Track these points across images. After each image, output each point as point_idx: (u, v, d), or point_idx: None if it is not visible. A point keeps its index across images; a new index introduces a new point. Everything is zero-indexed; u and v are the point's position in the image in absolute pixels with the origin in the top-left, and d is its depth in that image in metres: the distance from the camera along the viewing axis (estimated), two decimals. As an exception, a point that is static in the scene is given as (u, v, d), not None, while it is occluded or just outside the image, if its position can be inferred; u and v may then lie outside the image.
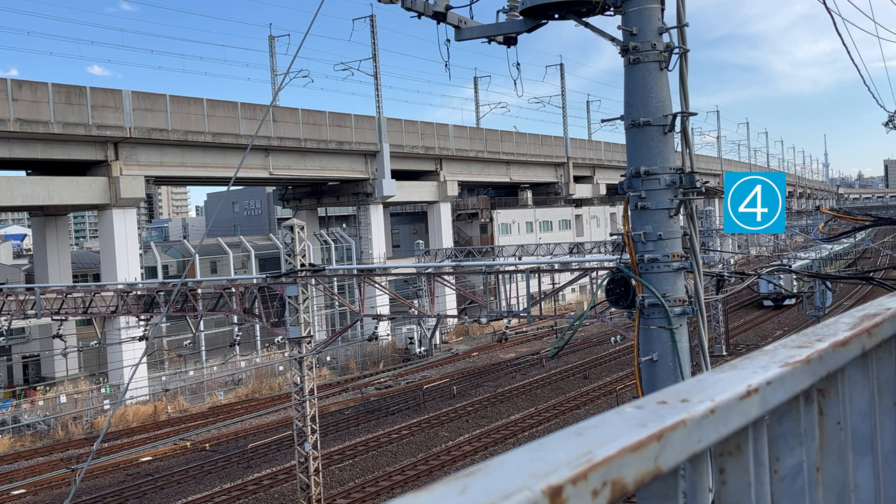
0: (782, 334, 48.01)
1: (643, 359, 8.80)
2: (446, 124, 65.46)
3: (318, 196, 62.10)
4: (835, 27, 12.93)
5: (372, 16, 54.86)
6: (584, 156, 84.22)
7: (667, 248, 8.68)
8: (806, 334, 1.68)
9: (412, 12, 9.05)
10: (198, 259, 48.10)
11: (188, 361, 47.22)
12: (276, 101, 52.24)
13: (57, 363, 42.09)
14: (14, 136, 38.32)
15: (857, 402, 1.83)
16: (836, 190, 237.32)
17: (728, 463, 1.41)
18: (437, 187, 64.95)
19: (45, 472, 29.66)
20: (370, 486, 27.42)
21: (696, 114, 8.82)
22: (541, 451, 1.00)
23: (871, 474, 1.85)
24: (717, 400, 1.24)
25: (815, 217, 75.38)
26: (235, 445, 33.38)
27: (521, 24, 9.33)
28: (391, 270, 42.08)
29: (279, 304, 25.28)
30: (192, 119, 45.24)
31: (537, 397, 38.66)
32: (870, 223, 18.64)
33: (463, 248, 60.12)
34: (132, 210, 44.14)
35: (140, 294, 29.75)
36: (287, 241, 24.81)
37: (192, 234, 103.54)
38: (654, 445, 1.08)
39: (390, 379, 44.62)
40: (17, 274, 51.07)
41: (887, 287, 15.35)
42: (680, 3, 8.40)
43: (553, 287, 40.60)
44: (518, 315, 23.11)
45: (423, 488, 0.92)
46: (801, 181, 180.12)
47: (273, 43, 58.60)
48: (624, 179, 8.78)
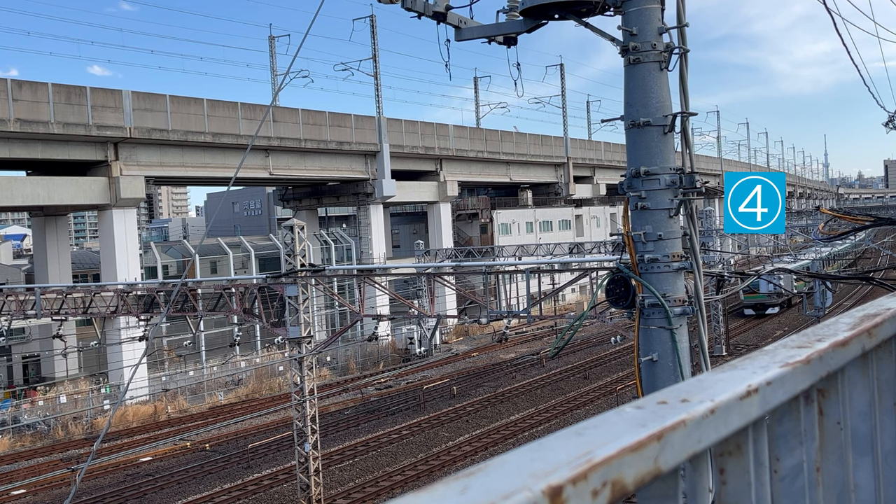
0: (782, 334, 48.01)
1: (643, 359, 8.80)
2: (446, 124, 65.49)
3: (318, 196, 62.11)
4: (835, 27, 12.94)
5: (372, 16, 54.90)
6: (584, 156, 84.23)
7: (667, 249, 8.68)
8: (806, 334, 1.68)
9: (412, 12, 9.05)
10: (198, 259, 48.10)
11: (188, 361, 47.22)
12: (276, 102, 52.25)
13: (57, 363, 42.09)
14: (14, 136, 38.32)
15: (857, 402, 1.83)
16: (836, 190, 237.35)
17: (728, 463, 1.41)
18: (437, 187, 64.96)
19: (45, 472, 29.65)
20: (370, 487, 27.42)
21: (696, 114, 8.83)
22: (541, 451, 1.00)
23: (871, 474, 1.85)
24: (717, 400, 1.24)
25: (815, 217, 75.41)
26: (235, 446, 33.38)
27: (521, 24, 9.33)
28: (391, 270, 42.09)
29: (279, 304, 25.28)
30: (192, 119, 45.25)
31: (537, 397, 38.66)
32: (870, 223, 18.65)
33: (463, 249, 60.11)
34: (132, 210, 44.14)
35: (140, 294, 29.75)
36: (287, 242, 24.81)
37: (192, 235, 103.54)
38: (654, 445, 1.08)
39: (390, 379, 44.62)
40: (17, 274, 51.10)
41: (887, 287, 15.35)
42: (680, 4, 8.40)
43: (553, 287, 40.58)
44: (518, 315, 23.11)
45: (423, 488, 0.92)
46: (801, 181, 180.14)
47: (273, 43, 58.63)
48: (624, 179, 8.78)
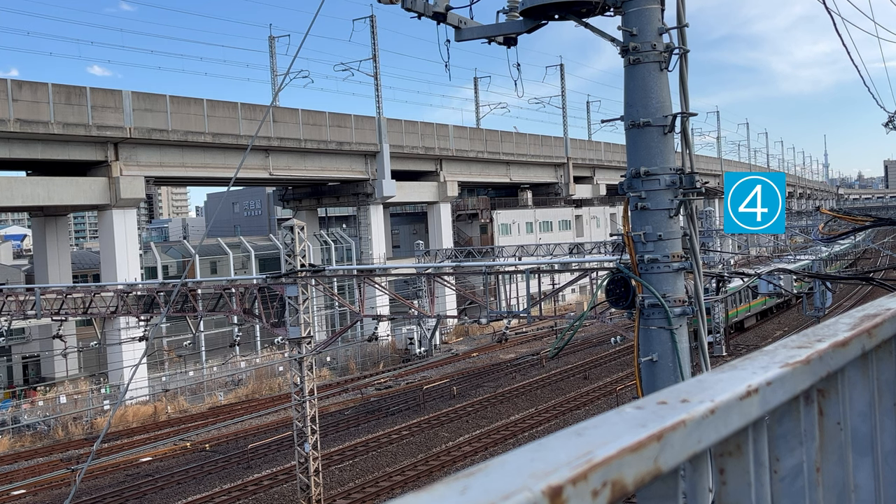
0: (782, 335, 48.01)
1: (643, 359, 8.80)
2: (446, 125, 65.49)
3: (318, 196, 62.12)
4: (835, 27, 12.94)
5: (372, 16, 54.91)
6: (584, 156, 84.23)
7: (667, 249, 8.68)
8: (806, 335, 1.68)
9: (412, 13, 9.04)
10: (198, 259, 48.10)
11: (188, 362, 47.22)
12: (276, 102, 52.24)
13: (57, 363, 42.09)
14: (14, 137, 38.32)
15: (857, 402, 1.83)
16: (836, 190, 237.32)
17: (728, 463, 1.41)
18: (437, 188, 64.96)
19: (45, 472, 29.64)
20: (370, 487, 27.41)
21: (696, 114, 8.83)
22: (541, 452, 1.00)
23: (871, 474, 1.85)
24: (717, 400, 1.24)
25: (815, 217, 75.39)
26: (235, 446, 33.37)
27: (521, 24, 9.33)
28: (391, 271, 42.09)
29: (279, 304, 25.28)
30: (192, 119, 45.25)
31: (537, 398, 38.64)
32: (870, 223, 18.65)
33: (463, 249, 60.10)
34: (132, 210, 44.15)
35: (140, 294, 29.75)
36: (287, 242, 24.81)
37: (192, 235, 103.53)
38: (654, 446, 1.08)
39: (390, 379, 44.62)
40: (17, 274, 51.11)
41: (887, 287, 15.35)
42: (680, 4, 8.40)
43: (553, 287, 40.57)
44: (518, 315, 23.12)
45: (423, 488, 0.92)
46: (801, 181, 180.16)
47: (273, 43, 58.63)
48: (624, 180, 8.78)
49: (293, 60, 12.65)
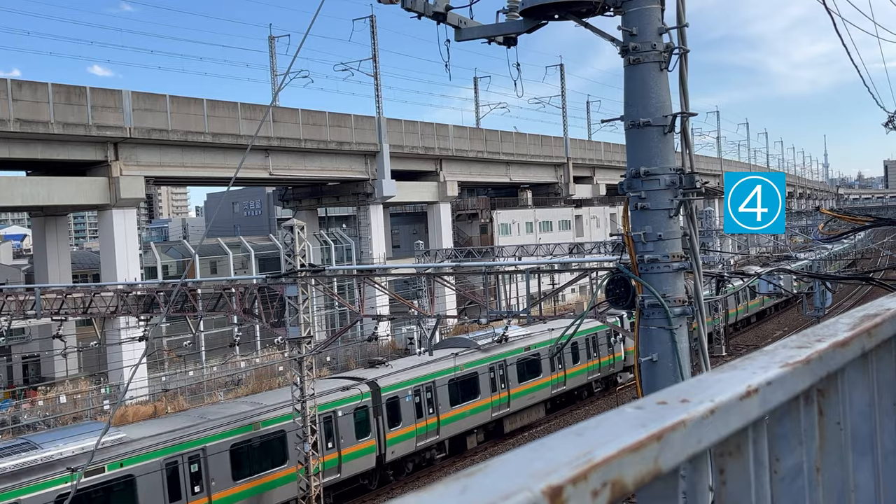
0: (782, 335, 48.00)
1: (643, 359, 8.80)
2: (446, 124, 65.47)
3: (318, 196, 62.11)
4: (835, 28, 12.94)
5: (372, 16, 54.88)
6: (584, 156, 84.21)
7: (667, 249, 8.68)
8: (806, 335, 1.68)
9: (412, 13, 9.04)
10: (198, 259, 48.10)
11: (188, 362, 47.22)
12: (276, 102, 52.23)
13: (57, 363, 42.07)
14: (14, 137, 38.31)
15: (857, 402, 1.83)
16: (836, 190, 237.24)
17: (728, 463, 1.41)
18: (437, 187, 64.96)
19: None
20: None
21: (696, 114, 8.83)
22: (541, 451, 1.00)
23: (871, 474, 1.85)
24: (717, 400, 1.24)
25: (815, 217, 75.44)
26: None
27: (520, 24, 9.33)
28: (391, 271, 42.09)
29: (279, 304, 25.27)
30: (192, 119, 45.24)
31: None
32: (869, 223, 18.66)
33: (463, 249, 60.07)
34: (132, 210, 44.14)
35: (140, 294, 29.74)
36: (287, 242, 24.81)
37: (192, 235, 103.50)
38: (654, 446, 1.08)
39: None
40: (17, 274, 51.07)
41: (887, 287, 15.35)
42: (680, 4, 8.40)
43: (553, 287, 40.54)
44: (518, 315, 23.11)
45: (423, 488, 0.92)
46: (801, 181, 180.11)
47: (273, 43, 58.65)
48: (624, 180, 8.78)
49: (293, 60, 12.67)
